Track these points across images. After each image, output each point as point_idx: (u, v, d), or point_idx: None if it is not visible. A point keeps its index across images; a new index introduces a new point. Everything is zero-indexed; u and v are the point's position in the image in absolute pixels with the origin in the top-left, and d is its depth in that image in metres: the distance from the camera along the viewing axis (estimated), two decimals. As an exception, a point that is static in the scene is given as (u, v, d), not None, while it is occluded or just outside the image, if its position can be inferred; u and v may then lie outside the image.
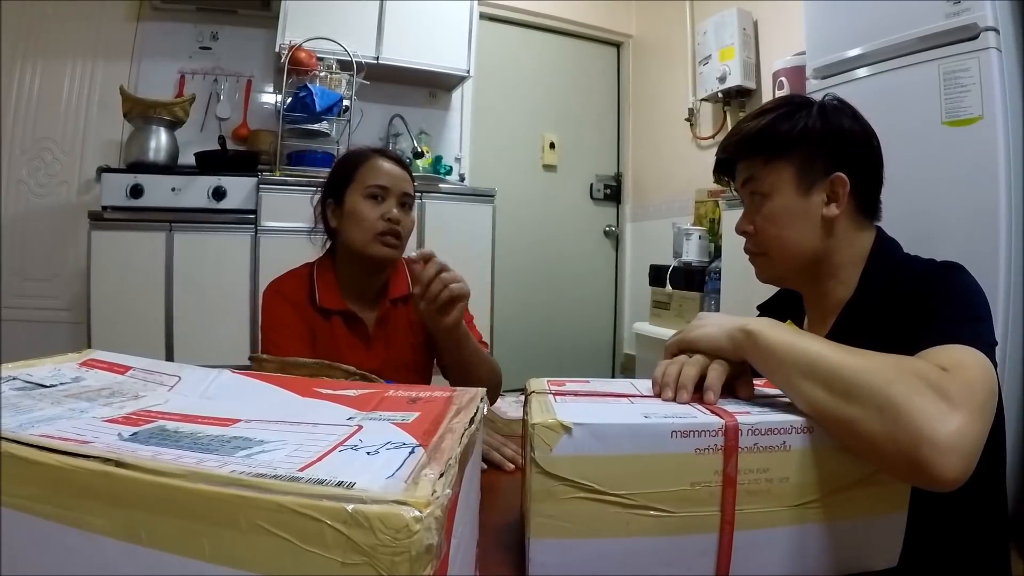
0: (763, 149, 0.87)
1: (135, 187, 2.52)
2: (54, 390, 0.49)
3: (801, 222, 0.86)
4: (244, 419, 0.44)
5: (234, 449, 0.37)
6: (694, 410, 0.58)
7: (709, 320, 0.68)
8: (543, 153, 3.98)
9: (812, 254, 0.87)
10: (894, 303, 0.79)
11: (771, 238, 0.88)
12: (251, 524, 0.29)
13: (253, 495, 0.29)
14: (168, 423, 0.42)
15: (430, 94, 3.57)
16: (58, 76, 2.89)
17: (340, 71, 3.01)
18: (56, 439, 0.36)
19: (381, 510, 0.29)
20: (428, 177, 3.22)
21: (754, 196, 0.89)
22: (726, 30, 3.13)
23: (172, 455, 0.35)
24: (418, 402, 0.51)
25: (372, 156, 1.34)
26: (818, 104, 0.88)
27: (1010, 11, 1.67)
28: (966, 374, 0.58)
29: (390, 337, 1.33)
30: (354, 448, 0.38)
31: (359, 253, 1.28)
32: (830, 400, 0.55)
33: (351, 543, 0.28)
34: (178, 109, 2.74)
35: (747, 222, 0.91)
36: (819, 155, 0.85)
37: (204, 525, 0.30)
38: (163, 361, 0.58)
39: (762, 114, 0.90)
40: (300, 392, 0.55)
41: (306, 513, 0.29)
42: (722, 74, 3.13)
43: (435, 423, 0.45)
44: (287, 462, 0.34)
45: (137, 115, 2.67)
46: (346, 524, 0.28)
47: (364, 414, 0.47)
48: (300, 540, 0.29)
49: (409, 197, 1.34)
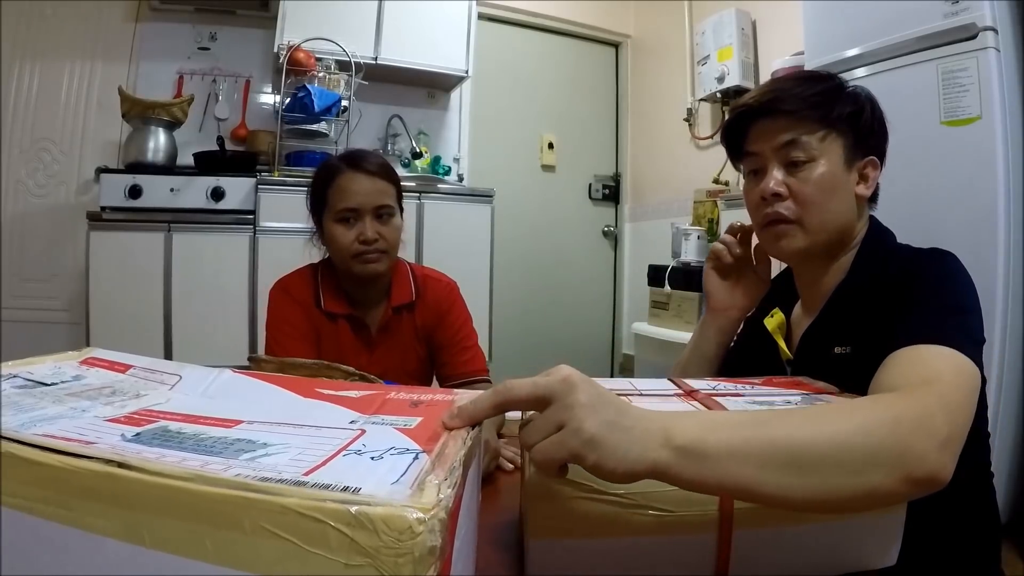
0: (822, 115, 0.83)
1: (134, 187, 2.52)
2: (55, 388, 0.48)
3: (843, 194, 0.84)
4: (247, 420, 0.44)
5: (237, 452, 0.37)
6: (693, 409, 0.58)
7: (596, 425, 0.46)
8: (542, 153, 3.98)
9: (842, 230, 0.86)
10: (881, 289, 0.78)
11: (813, 205, 0.83)
12: (255, 526, 0.29)
13: (257, 497, 0.30)
14: (171, 424, 0.42)
15: (429, 94, 3.57)
16: (57, 76, 2.89)
17: (339, 71, 3.01)
18: (59, 439, 0.36)
19: (385, 512, 0.29)
20: (427, 177, 3.22)
21: (795, 161, 0.83)
22: (724, 30, 3.13)
23: (176, 457, 0.35)
24: (420, 405, 0.51)
25: (340, 174, 1.26)
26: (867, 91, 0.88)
27: (1008, 11, 1.67)
28: (947, 395, 0.56)
29: (393, 343, 1.33)
30: (358, 453, 0.38)
31: (345, 272, 1.29)
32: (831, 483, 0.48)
33: (355, 544, 0.29)
34: (177, 110, 2.74)
35: (781, 184, 0.84)
36: (865, 137, 0.85)
37: (208, 527, 0.30)
38: (164, 360, 0.58)
39: (811, 80, 0.87)
40: (302, 393, 0.54)
41: (310, 515, 0.29)
42: (720, 74, 3.13)
43: (438, 428, 0.45)
44: (291, 466, 0.35)
45: (136, 115, 2.66)
46: (350, 526, 0.29)
47: (367, 417, 0.47)
48: (304, 542, 0.29)
49: (387, 207, 1.27)
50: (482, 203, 3.06)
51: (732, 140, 0.92)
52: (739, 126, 0.90)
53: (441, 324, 1.34)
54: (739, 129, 0.90)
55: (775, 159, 0.85)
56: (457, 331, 1.34)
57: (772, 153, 0.85)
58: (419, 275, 1.38)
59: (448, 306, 1.36)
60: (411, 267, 1.38)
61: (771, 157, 0.85)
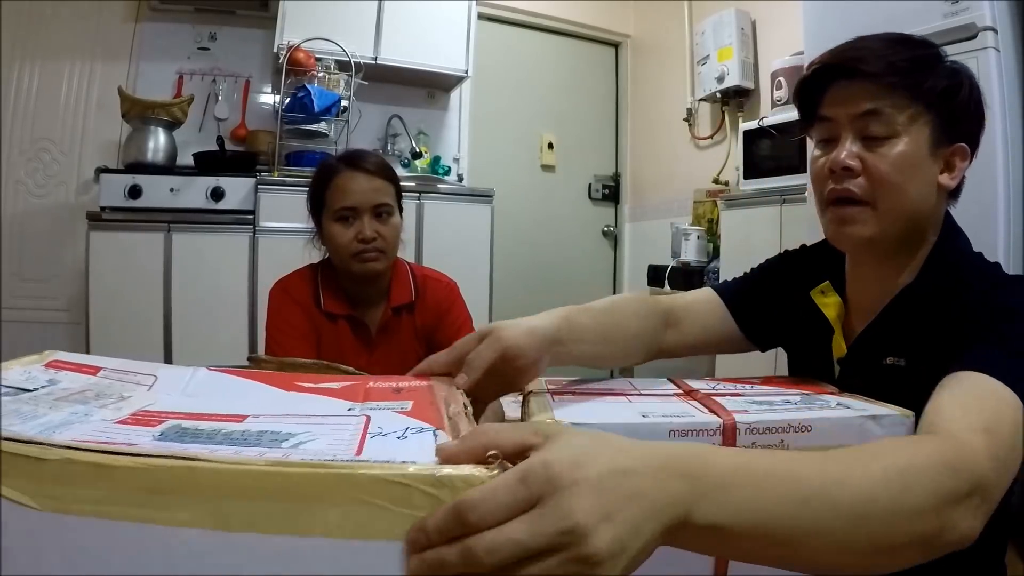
0: (912, 85, 0.71)
1: (133, 188, 2.52)
2: (39, 394, 0.47)
3: (925, 179, 0.73)
4: (252, 415, 0.45)
5: (273, 442, 0.39)
6: (692, 409, 0.58)
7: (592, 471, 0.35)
8: (541, 153, 3.98)
9: (918, 221, 0.75)
10: (950, 300, 0.70)
11: (890, 185, 0.72)
12: (347, 497, 0.33)
13: (347, 472, 0.34)
14: (183, 422, 0.43)
15: (428, 94, 3.57)
16: (56, 76, 2.89)
17: (338, 71, 3.01)
18: (101, 443, 0.36)
19: (461, 472, 0.34)
20: (426, 177, 3.22)
21: (874, 135, 0.72)
22: (724, 30, 3.13)
23: (229, 450, 0.37)
24: (402, 391, 0.55)
25: (338, 173, 1.27)
26: (966, 68, 0.77)
27: (1008, 11, 1.67)
28: (1003, 455, 0.51)
29: (393, 344, 1.33)
30: (382, 435, 0.41)
31: (345, 272, 1.29)
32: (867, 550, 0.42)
33: (438, 501, 0.34)
34: (176, 110, 2.74)
35: (854, 158, 0.73)
36: (958, 119, 0.74)
37: (298, 504, 0.33)
38: (133, 360, 0.57)
39: (905, 43, 0.75)
40: (283, 387, 0.55)
41: (398, 481, 0.34)
42: (720, 74, 3.13)
43: (431, 409, 0.49)
44: (335, 449, 0.38)
45: (135, 116, 2.66)
46: (434, 486, 0.34)
47: (361, 405, 0.49)
48: (392, 504, 0.34)
49: (386, 206, 1.28)
50: (482, 203, 3.06)
51: (806, 102, 0.79)
52: (815, 85, 0.77)
53: (441, 324, 1.34)
54: (815, 89, 0.78)
55: (851, 129, 0.74)
56: (457, 331, 1.34)
57: (848, 121, 0.74)
58: (419, 275, 1.38)
59: (448, 306, 1.36)
60: (411, 267, 1.39)
61: (847, 126, 0.74)
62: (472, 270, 2.85)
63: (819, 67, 0.76)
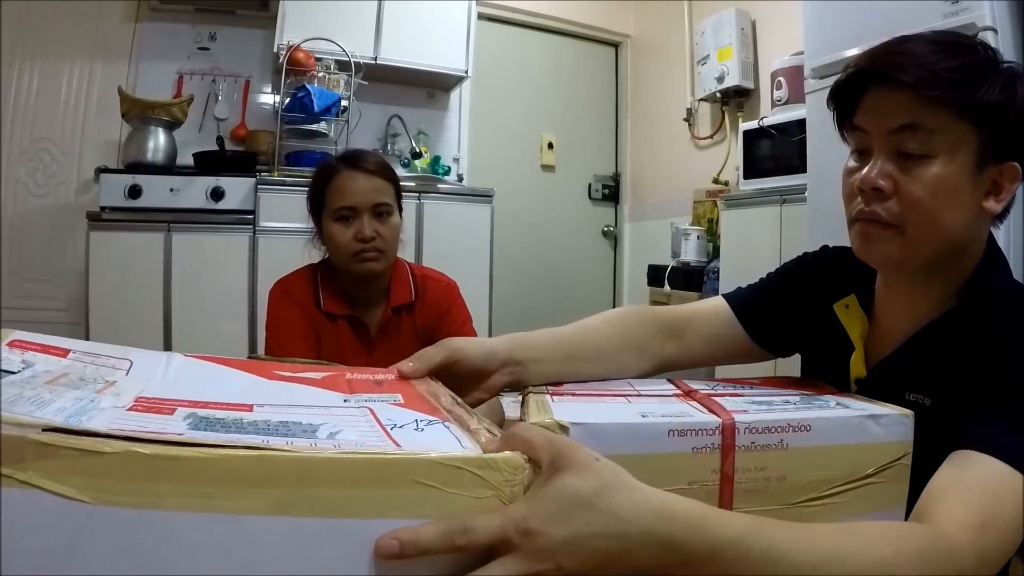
0: (958, 99, 0.62)
1: (133, 187, 2.52)
2: (23, 377, 0.44)
3: (964, 204, 0.65)
4: (257, 404, 0.45)
5: (306, 432, 0.40)
6: (691, 409, 0.58)
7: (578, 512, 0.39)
8: (541, 153, 3.98)
9: (952, 248, 0.67)
10: (980, 341, 0.64)
11: (922, 210, 0.64)
12: (406, 480, 0.36)
13: (406, 457, 0.37)
14: (197, 411, 0.42)
15: (428, 94, 3.57)
16: (56, 76, 2.88)
17: (338, 71, 3.01)
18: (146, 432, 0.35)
19: (503, 456, 0.39)
20: (426, 177, 3.22)
21: (908, 152, 0.64)
22: (724, 30, 3.13)
23: (281, 441, 0.37)
24: (384, 384, 0.57)
25: (338, 173, 1.28)
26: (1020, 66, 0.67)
27: (1008, 11, 1.67)
28: (1000, 549, 0.51)
29: (393, 343, 1.33)
30: (400, 427, 0.44)
31: (344, 271, 1.29)
32: None
33: (484, 482, 0.38)
34: (176, 110, 2.74)
35: (886, 178, 0.65)
36: (1009, 136, 0.65)
37: (360, 489, 0.36)
38: (103, 343, 0.55)
39: (952, 47, 0.65)
40: (265, 376, 0.55)
41: (451, 464, 0.37)
42: (720, 74, 3.13)
43: (421, 401, 0.51)
44: (370, 439, 0.41)
45: (135, 116, 2.66)
46: (481, 468, 0.38)
47: (355, 397, 0.51)
48: (443, 485, 0.37)
49: (386, 205, 1.28)
50: (482, 203, 3.06)
51: (842, 106, 0.72)
52: (850, 90, 0.70)
53: (441, 324, 1.34)
54: (850, 94, 0.70)
55: (885, 144, 0.66)
56: (457, 331, 1.34)
57: (882, 135, 0.66)
58: (419, 275, 1.38)
59: (448, 306, 1.36)
60: (411, 267, 1.39)
61: (880, 140, 0.66)
62: (472, 270, 2.85)
63: (854, 71, 0.69)
